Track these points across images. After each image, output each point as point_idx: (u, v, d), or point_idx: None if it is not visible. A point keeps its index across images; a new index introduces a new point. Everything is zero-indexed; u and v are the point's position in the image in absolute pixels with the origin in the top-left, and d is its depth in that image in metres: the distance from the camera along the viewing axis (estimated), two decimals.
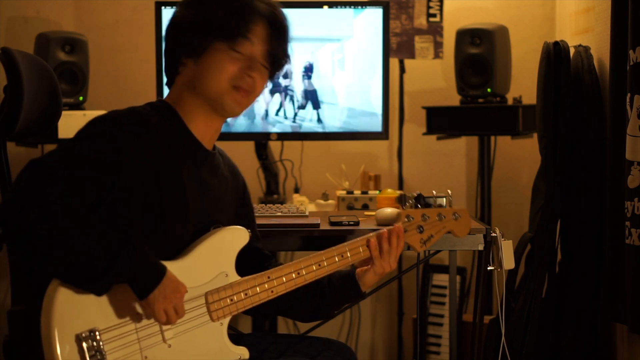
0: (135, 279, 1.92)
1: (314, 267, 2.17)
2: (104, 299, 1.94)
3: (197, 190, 2.08)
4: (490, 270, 2.60)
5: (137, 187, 1.98)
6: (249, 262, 2.19)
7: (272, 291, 2.12)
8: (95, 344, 1.92)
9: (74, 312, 1.91)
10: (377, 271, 2.24)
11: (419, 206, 2.32)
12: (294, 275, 2.15)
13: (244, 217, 2.29)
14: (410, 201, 2.33)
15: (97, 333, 1.92)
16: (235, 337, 2.27)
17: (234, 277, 2.10)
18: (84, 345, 1.91)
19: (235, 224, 2.21)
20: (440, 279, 3.78)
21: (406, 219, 2.29)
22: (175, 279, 1.98)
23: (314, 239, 2.59)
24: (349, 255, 2.21)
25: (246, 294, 2.09)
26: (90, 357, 1.90)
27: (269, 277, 2.12)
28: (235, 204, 2.26)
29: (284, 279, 2.14)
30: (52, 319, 1.89)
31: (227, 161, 2.26)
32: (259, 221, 2.72)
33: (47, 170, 1.90)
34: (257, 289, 2.11)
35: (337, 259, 2.20)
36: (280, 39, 2.14)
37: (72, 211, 1.88)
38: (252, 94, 2.13)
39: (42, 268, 1.92)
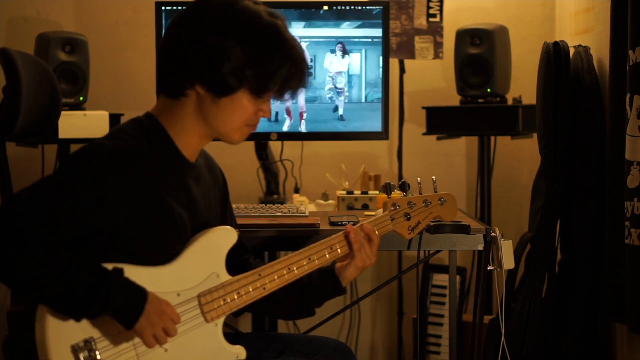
0: (117, 314, 1.90)
1: (304, 262, 2.16)
2: None
3: (186, 209, 2.06)
4: (490, 270, 2.60)
5: (125, 221, 1.94)
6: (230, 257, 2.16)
7: (264, 288, 2.11)
8: (91, 353, 1.91)
9: (68, 322, 1.90)
10: (358, 264, 2.21)
11: (405, 194, 2.33)
12: (285, 271, 2.13)
13: (228, 211, 2.29)
14: (395, 189, 2.34)
15: (92, 342, 1.92)
16: (234, 336, 2.27)
17: (225, 277, 2.08)
18: (81, 355, 1.90)
19: (221, 220, 2.21)
20: (440, 279, 3.78)
21: (392, 208, 2.29)
22: (158, 301, 1.95)
23: (314, 239, 2.59)
24: (338, 248, 2.21)
25: (238, 293, 2.08)
26: None
27: (260, 275, 2.11)
28: (220, 202, 2.25)
29: (276, 275, 2.12)
30: (46, 330, 1.89)
31: (204, 159, 2.20)
32: (259, 221, 2.73)
33: (26, 207, 1.85)
34: (249, 287, 2.09)
35: (326, 253, 2.19)
36: (301, 81, 2.08)
37: (49, 248, 1.83)
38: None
39: (25, 297, 1.91)
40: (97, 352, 1.92)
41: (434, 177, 2.41)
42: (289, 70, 2.02)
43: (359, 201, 3.25)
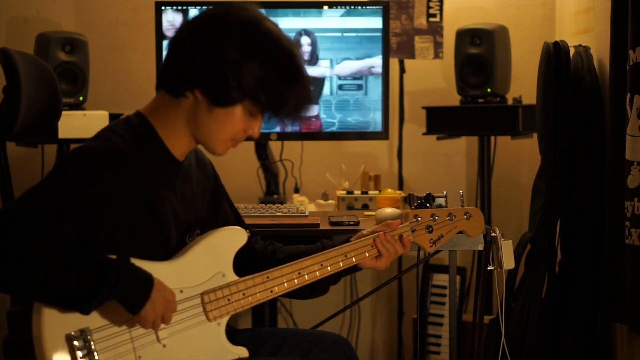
0: (124, 299, 1.91)
1: (316, 267, 2.17)
2: None
3: (174, 208, 2.06)
4: (490, 270, 2.60)
5: (118, 223, 1.95)
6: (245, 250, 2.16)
7: (271, 291, 2.12)
8: (86, 343, 1.91)
9: (64, 314, 1.90)
10: (378, 264, 2.25)
11: (428, 206, 2.32)
12: (294, 275, 2.14)
13: (223, 205, 2.29)
14: (418, 201, 2.32)
15: (88, 333, 1.92)
16: (232, 333, 2.26)
17: (232, 277, 2.09)
18: (75, 344, 1.90)
19: (216, 215, 2.21)
20: (440, 279, 3.78)
21: (414, 219, 2.28)
22: (163, 289, 1.96)
23: (314, 239, 2.59)
24: (352, 256, 2.21)
25: (244, 294, 2.09)
26: (81, 357, 1.89)
27: (267, 277, 2.12)
28: (210, 196, 2.25)
29: (284, 279, 2.13)
30: (42, 318, 1.89)
31: (195, 155, 2.21)
32: (259, 221, 2.73)
33: (19, 217, 1.84)
34: (256, 289, 2.10)
35: (340, 260, 2.20)
36: (307, 109, 2.12)
37: (48, 253, 1.83)
38: None
39: (27, 298, 1.92)
40: (92, 342, 1.91)
41: (461, 190, 2.40)
42: (300, 97, 2.05)
43: (359, 201, 3.25)
